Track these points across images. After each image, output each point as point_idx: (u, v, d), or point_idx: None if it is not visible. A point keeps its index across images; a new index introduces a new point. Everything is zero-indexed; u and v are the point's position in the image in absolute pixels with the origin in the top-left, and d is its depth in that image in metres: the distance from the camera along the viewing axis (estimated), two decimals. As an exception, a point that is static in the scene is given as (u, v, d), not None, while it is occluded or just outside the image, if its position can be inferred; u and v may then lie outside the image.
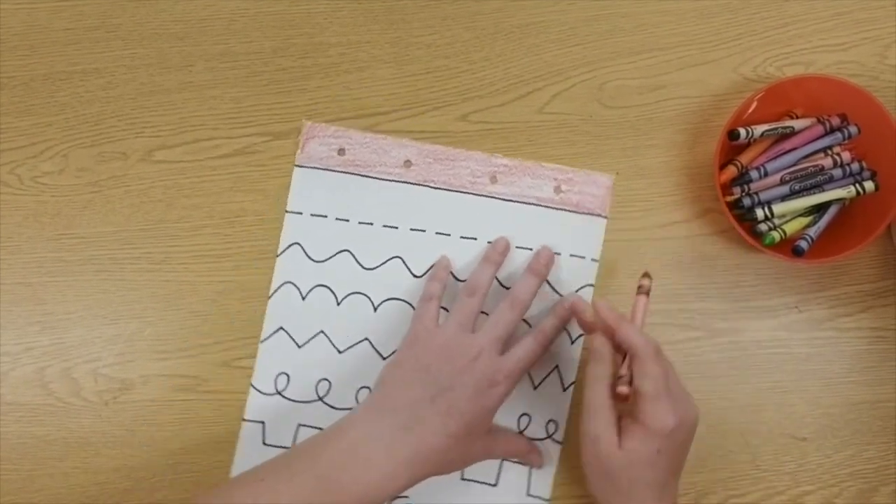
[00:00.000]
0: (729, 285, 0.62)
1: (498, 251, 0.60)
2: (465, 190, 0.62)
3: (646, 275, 0.56)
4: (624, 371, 0.52)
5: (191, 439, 0.61)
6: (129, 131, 0.63)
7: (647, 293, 0.55)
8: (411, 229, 0.62)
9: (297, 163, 0.62)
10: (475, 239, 0.62)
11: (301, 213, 0.62)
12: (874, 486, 0.61)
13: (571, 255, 0.62)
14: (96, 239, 0.62)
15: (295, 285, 0.61)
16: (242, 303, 0.61)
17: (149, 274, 0.62)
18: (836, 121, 0.61)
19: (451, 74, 0.64)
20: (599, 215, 0.62)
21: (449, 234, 0.62)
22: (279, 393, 0.61)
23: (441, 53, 0.64)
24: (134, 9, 0.63)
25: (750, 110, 0.61)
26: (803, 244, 0.59)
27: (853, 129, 0.60)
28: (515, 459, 0.60)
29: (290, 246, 0.62)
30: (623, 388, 0.52)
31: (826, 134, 0.61)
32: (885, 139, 0.59)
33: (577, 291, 0.61)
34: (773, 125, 0.60)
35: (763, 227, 0.60)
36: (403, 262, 0.62)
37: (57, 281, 0.61)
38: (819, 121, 0.61)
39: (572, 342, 0.61)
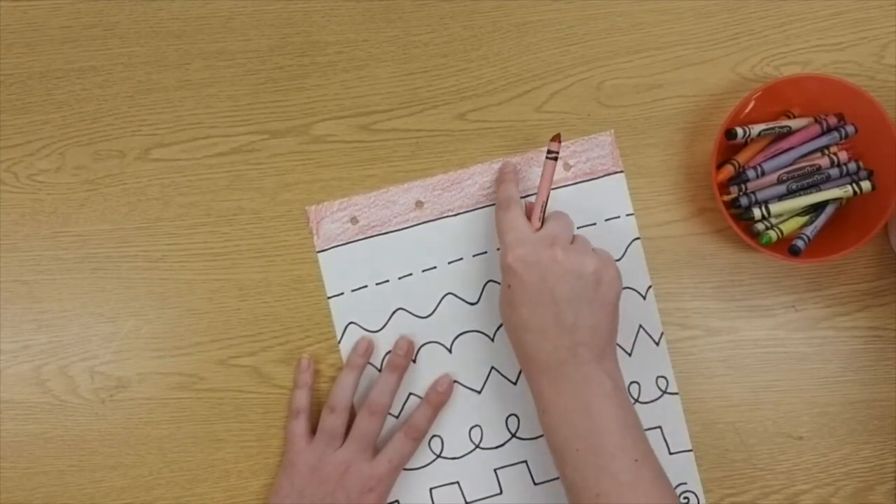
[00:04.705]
0: (726, 284, 0.62)
1: (359, 353, 0.60)
2: (482, 204, 0.62)
3: (556, 138, 0.57)
4: None
5: (187, 437, 0.60)
6: (125, 129, 0.63)
7: (556, 158, 0.57)
8: (449, 262, 0.62)
9: (317, 249, 0.62)
10: None
11: (342, 294, 0.61)
12: (870, 484, 0.62)
13: (607, 220, 0.62)
14: (93, 237, 0.62)
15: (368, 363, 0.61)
16: (239, 301, 0.61)
17: (145, 272, 0.62)
18: (833, 120, 0.61)
19: (449, 73, 0.63)
20: (615, 172, 0.63)
21: (486, 252, 0.62)
22: None
23: (439, 52, 0.64)
24: (131, 7, 0.63)
25: (747, 110, 0.61)
26: (800, 243, 0.59)
27: (850, 129, 0.61)
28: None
29: (346, 328, 0.61)
30: None
31: (823, 133, 0.61)
32: (882, 139, 0.59)
33: (626, 248, 0.62)
34: (771, 124, 0.60)
35: (760, 226, 0.60)
36: (455, 295, 0.62)
37: (53, 279, 0.61)
38: (816, 120, 0.61)
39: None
